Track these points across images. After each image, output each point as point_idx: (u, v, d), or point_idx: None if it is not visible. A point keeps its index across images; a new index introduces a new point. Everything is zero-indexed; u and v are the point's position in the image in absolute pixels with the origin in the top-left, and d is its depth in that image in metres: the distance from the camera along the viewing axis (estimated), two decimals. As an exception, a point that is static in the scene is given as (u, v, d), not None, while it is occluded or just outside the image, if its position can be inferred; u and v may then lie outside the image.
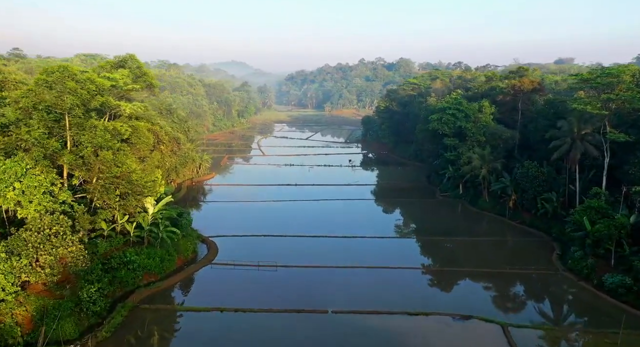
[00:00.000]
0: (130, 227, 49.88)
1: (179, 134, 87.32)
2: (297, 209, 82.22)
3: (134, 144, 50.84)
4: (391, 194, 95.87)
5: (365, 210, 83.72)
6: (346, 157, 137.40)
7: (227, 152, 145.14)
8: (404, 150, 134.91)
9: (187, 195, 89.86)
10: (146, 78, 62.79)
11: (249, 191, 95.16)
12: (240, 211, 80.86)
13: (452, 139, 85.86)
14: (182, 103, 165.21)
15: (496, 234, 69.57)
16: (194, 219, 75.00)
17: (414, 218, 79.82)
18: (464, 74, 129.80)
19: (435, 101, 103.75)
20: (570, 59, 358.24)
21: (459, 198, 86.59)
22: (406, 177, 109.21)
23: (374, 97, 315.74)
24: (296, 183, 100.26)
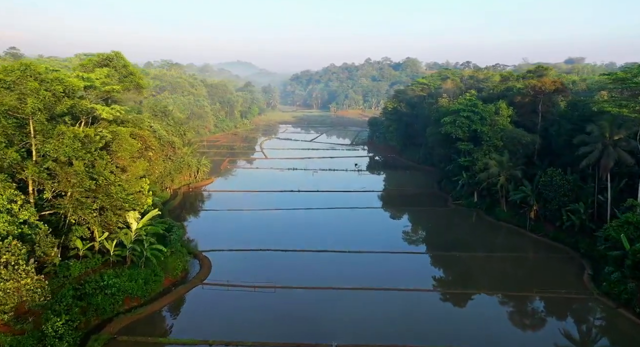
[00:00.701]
0: (110, 245, 44.40)
1: (174, 137, 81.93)
2: (299, 219, 76.52)
3: (114, 151, 45.32)
4: (400, 201, 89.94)
5: (373, 220, 77.83)
6: (352, 160, 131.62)
7: (228, 154, 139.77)
8: (413, 154, 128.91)
9: (183, 202, 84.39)
10: (133, 78, 57.26)
11: (249, 198, 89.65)
12: (238, 220, 75.25)
13: (466, 144, 79.81)
14: (183, 104, 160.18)
15: (517, 248, 63.43)
16: (187, 229, 70.06)
17: (425, 229, 73.88)
18: (475, 73, 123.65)
19: (447, 102, 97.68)
20: (581, 59, 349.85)
21: (473, 207, 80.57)
22: (416, 183, 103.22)
23: (381, 98, 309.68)
24: (299, 189, 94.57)
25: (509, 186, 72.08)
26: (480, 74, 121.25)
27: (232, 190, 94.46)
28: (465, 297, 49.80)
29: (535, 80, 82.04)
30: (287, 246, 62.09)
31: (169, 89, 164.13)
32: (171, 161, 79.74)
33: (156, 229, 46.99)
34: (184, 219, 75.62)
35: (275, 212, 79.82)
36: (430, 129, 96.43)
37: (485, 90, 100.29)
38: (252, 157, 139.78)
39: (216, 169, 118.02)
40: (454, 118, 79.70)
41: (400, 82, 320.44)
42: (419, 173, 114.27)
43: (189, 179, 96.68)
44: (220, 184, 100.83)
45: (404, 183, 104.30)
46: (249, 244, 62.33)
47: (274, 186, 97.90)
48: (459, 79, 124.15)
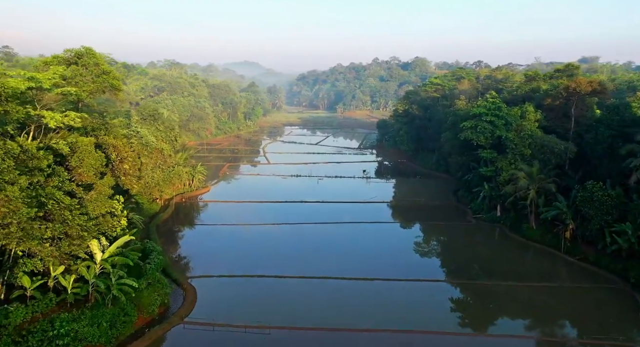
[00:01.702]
0: (67, 281, 36.53)
1: (163, 144, 74.15)
2: (301, 236, 68.33)
3: (75, 167, 37.53)
4: (414, 214, 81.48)
5: (384, 237, 69.36)
6: (359, 166, 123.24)
7: (229, 159, 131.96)
8: (426, 160, 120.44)
9: (174, 215, 76.45)
10: (106, 78, 49.30)
11: (248, 209, 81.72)
12: (233, 237, 67.29)
13: (488, 152, 71.32)
14: (183, 105, 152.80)
15: (552, 275, 54.80)
16: (175, 248, 62.29)
17: (443, 250, 65.41)
18: (493, 73, 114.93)
19: (465, 105, 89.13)
20: (595, 58, 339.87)
21: (496, 222, 72.07)
22: (429, 193, 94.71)
23: (389, 98, 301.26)
24: (302, 200, 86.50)
25: (538, 200, 63.56)
26: (499, 74, 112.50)
27: (229, 200, 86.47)
28: (495, 342, 41.42)
29: (565, 80, 73.42)
30: (287, 270, 53.96)
31: (168, 90, 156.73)
32: (160, 170, 71.94)
33: (125, 260, 39.05)
34: (172, 235, 67.84)
35: (275, 227, 71.74)
36: (446, 134, 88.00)
37: (506, 91, 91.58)
38: (254, 162, 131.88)
39: (215, 174, 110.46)
40: (474, 123, 71.24)
41: (409, 82, 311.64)
42: (432, 181, 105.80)
43: (182, 187, 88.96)
44: (217, 193, 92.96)
45: (416, 192, 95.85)
46: (243, 268, 54.33)
47: (275, 196, 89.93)
48: (475, 79, 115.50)
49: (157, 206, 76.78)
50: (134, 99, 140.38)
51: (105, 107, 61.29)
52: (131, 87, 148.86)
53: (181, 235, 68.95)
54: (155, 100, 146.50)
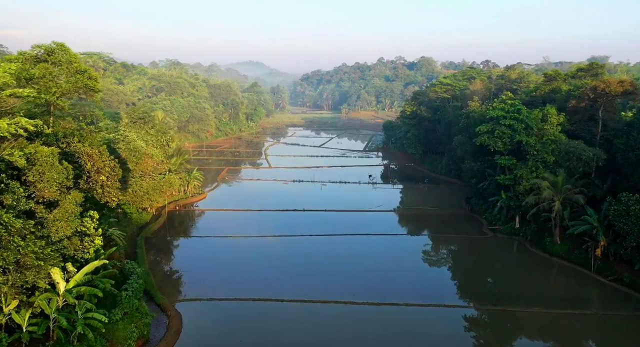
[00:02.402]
0: (21, 317, 30.99)
1: (154, 149, 68.61)
2: (302, 251, 62.61)
3: (32, 182, 32.02)
4: (423, 225, 75.67)
5: (392, 251, 63.46)
6: (365, 170, 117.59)
7: (228, 163, 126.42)
8: (434, 163, 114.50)
9: (166, 225, 70.95)
10: (80, 78, 43.67)
11: (245, 218, 76.17)
12: (228, 251, 61.71)
13: (507, 158, 65.33)
14: (182, 106, 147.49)
15: (582, 300, 48.59)
16: (163, 265, 56.77)
17: (458, 267, 59.32)
18: (506, 72, 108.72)
19: (478, 106, 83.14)
20: (605, 57, 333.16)
21: (514, 235, 66.10)
22: (439, 199, 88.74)
23: (395, 99, 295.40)
24: (304, 208, 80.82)
25: (563, 213, 57.54)
26: (512, 73, 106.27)
27: (226, 209, 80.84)
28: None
29: (590, 80, 67.35)
30: (286, 292, 48.31)
31: (167, 90, 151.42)
32: (150, 178, 66.43)
33: (93, 291, 33.48)
34: (162, 248, 62.31)
35: (274, 240, 66.05)
36: (458, 137, 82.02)
37: (522, 92, 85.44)
38: (255, 165, 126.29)
39: (214, 178, 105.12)
40: (491, 127, 65.25)
41: (415, 83, 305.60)
42: (442, 187, 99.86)
43: (177, 194, 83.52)
44: (214, 200, 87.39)
45: (425, 199, 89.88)
46: (236, 289, 48.73)
47: (276, 203, 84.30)
48: (487, 78, 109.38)
49: (148, 215, 71.32)
50: (131, 100, 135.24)
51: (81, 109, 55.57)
52: (128, 88, 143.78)
53: (172, 248, 63.40)
54: (153, 101, 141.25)
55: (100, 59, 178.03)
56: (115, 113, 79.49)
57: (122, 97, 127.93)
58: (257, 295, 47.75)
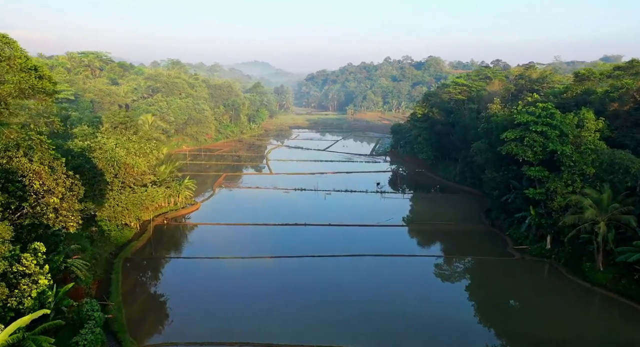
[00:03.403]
0: None
1: (137, 158, 60.79)
2: (301, 275, 54.64)
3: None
4: (440, 243, 67.47)
5: (405, 276, 55.28)
6: (372, 176, 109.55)
7: (226, 168, 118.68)
8: (447, 170, 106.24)
9: (150, 244, 63.13)
10: (24, 77, 35.71)
11: (240, 234, 68.38)
12: (217, 276, 53.78)
13: (537, 169, 56.98)
14: (180, 107, 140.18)
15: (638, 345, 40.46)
16: (140, 294, 48.96)
17: (485, 299, 50.74)
18: (526, 72, 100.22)
19: (500, 109, 74.84)
20: (618, 56, 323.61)
21: (545, 257, 57.76)
22: (455, 212, 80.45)
23: (402, 99, 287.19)
24: (306, 222, 72.88)
25: (607, 235, 49.19)
26: (533, 73, 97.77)
27: (219, 223, 73.02)
28: None
29: (631, 80, 58.93)
30: (281, 336, 40.36)
31: (164, 91, 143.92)
32: (130, 191, 58.68)
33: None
34: (141, 273, 54.54)
35: (271, 262, 58.10)
36: (477, 144, 73.74)
37: (548, 93, 76.97)
38: (255, 171, 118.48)
39: (209, 186, 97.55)
40: (520, 133, 56.93)
41: (422, 83, 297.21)
42: (457, 197, 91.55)
43: (166, 206, 75.88)
44: (208, 212, 79.67)
45: (440, 211, 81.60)
46: (221, 329, 40.95)
47: (275, 216, 76.50)
48: (506, 78, 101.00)
49: (131, 231, 63.55)
50: (124, 101, 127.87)
51: (40, 114, 47.85)
52: (122, 88, 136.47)
53: (154, 272, 55.62)
54: (148, 102, 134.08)
55: (96, 59, 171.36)
56: (95, 117, 71.92)
57: (114, 98, 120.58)
58: (247, 338, 39.86)
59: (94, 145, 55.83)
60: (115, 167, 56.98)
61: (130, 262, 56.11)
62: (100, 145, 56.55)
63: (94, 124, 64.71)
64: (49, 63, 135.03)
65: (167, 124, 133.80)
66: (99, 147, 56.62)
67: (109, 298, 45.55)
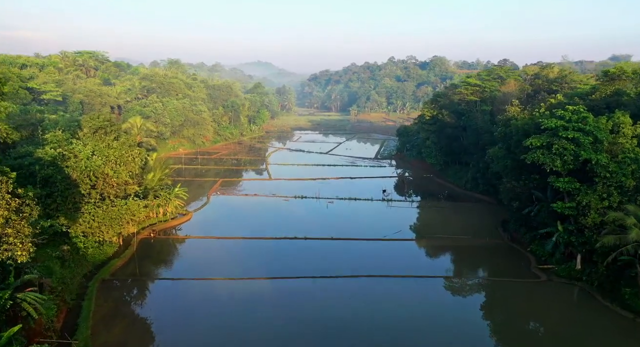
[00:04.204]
0: None
1: (118, 167, 54.53)
2: (300, 302, 48.23)
3: None
4: (454, 260, 61.03)
5: (417, 301, 48.93)
6: (377, 182, 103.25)
7: (223, 173, 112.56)
8: (457, 175, 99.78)
9: (134, 261, 56.84)
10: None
11: (233, 250, 62.17)
12: (205, 301, 47.34)
13: (566, 180, 50.45)
14: (176, 109, 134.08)
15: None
16: (114, 326, 42.63)
17: (513, 329, 44.36)
18: (543, 71, 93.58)
19: (520, 111, 68.35)
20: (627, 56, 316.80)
21: (575, 279, 51.18)
22: (469, 223, 74.04)
23: (406, 100, 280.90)
24: (306, 236, 66.53)
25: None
26: (550, 72, 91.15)
27: (212, 236, 66.68)
28: None
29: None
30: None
31: (159, 92, 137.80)
32: (110, 203, 52.42)
33: None
34: (120, 298, 48.23)
35: (267, 285, 51.77)
36: (494, 150, 67.23)
37: (570, 94, 70.33)
38: (253, 177, 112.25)
39: (205, 191, 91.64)
40: (548, 140, 50.40)
41: (428, 83, 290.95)
42: (469, 205, 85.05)
43: (153, 216, 69.72)
44: (200, 223, 73.45)
45: (451, 222, 75.18)
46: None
47: (273, 227, 70.38)
48: (522, 78, 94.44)
49: (112, 247, 57.27)
50: (116, 102, 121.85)
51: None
52: (115, 89, 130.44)
53: (132, 298, 49.29)
54: (142, 103, 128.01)
55: (91, 58, 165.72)
56: (73, 121, 65.74)
57: (105, 99, 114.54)
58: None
59: (68, 153, 49.65)
60: (92, 178, 50.79)
61: (107, 285, 49.87)
62: (75, 153, 50.36)
63: (71, 129, 58.65)
64: (39, 62, 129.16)
65: (162, 126, 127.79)
66: (74, 155, 50.45)
67: (76, 331, 39.36)
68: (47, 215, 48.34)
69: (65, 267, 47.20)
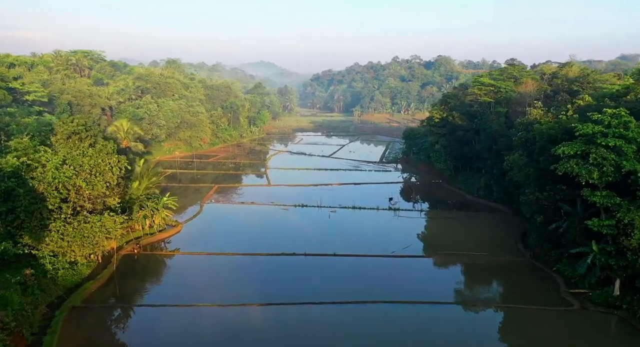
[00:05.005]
0: None
1: (93, 178, 48.24)
2: (302, 330, 41.93)
3: None
4: (470, 281, 54.49)
5: (430, 332, 42.59)
6: (383, 189, 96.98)
7: (220, 178, 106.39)
8: (469, 182, 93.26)
9: (113, 281, 50.59)
10: None
11: (225, 268, 55.91)
12: (190, 338, 41.11)
13: (604, 194, 43.90)
14: (172, 110, 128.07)
15: None
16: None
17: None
18: (562, 70, 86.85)
19: (543, 114, 61.80)
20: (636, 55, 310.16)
21: (613, 307, 44.60)
22: (484, 237, 67.62)
23: (411, 100, 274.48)
24: (306, 252, 60.13)
25: None
26: (570, 71, 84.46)
27: (201, 252, 60.32)
28: None
29: None
30: None
31: (154, 92, 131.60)
32: (83, 219, 46.13)
33: None
34: (91, 330, 41.81)
35: (261, 313, 45.41)
36: (515, 157, 60.64)
37: (596, 95, 63.68)
38: (251, 183, 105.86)
39: (200, 198, 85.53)
40: (583, 148, 43.88)
41: (433, 83, 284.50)
42: (483, 216, 78.50)
43: (138, 228, 63.60)
44: (190, 236, 67.11)
45: (465, 235, 68.75)
46: None
47: (270, 240, 64.17)
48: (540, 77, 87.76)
49: (88, 267, 50.99)
50: (108, 103, 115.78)
51: None
52: (107, 89, 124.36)
53: (105, 330, 42.83)
54: (135, 104, 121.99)
55: (85, 57, 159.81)
56: (46, 125, 59.55)
57: (96, 100, 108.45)
58: None
59: (34, 162, 43.48)
60: (62, 190, 44.57)
61: (78, 314, 43.51)
62: (42, 163, 44.18)
63: (42, 134, 52.49)
64: (28, 61, 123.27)
65: (157, 128, 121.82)
66: (41, 164, 44.27)
67: (32, 378, 33.14)
68: (8, 234, 42.20)
69: (27, 295, 40.94)
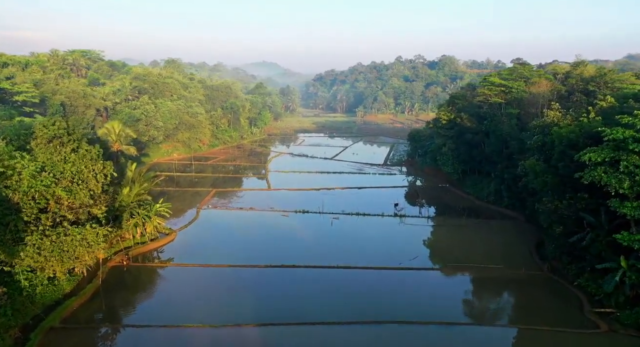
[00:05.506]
0: None
1: (75, 186, 44.34)
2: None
3: None
4: (483, 299, 50.45)
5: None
6: (387, 193, 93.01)
7: (219, 182, 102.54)
8: (478, 186, 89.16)
9: (98, 297, 46.76)
10: None
11: (220, 282, 51.98)
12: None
13: (636, 206, 39.77)
14: (170, 111, 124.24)
15: None
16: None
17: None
18: (577, 69, 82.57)
19: (561, 116, 57.64)
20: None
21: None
22: (496, 247, 63.59)
23: (415, 101, 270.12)
24: (307, 264, 56.16)
25: None
26: (585, 71, 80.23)
27: (195, 264, 56.39)
28: None
29: None
30: None
31: (152, 93, 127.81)
32: (63, 232, 42.29)
33: None
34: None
35: (257, 335, 41.46)
36: (531, 162, 56.49)
37: (618, 96, 59.48)
38: (250, 187, 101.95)
39: (196, 203, 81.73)
40: (612, 154, 39.78)
41: (437, 83, 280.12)
42: (494, 223, 74.34)
43: (129, 237, 59.79)
44: (185, 245, 63.26)
45: (475, 245, 64.68)
46: None
47: (269, 250, 60.45)
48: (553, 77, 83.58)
49: (69, 283, 47.09)
50: (103, 104, 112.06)
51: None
52: (103, 89, 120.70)
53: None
54: (132, 105, 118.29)
55: (83, 57, 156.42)
56: (26, 127, 55.80)
57: (90, 101, 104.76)
58: None
59: (8, 170, 39.64)
60: (40, 200, 40.74)
61: (56, 336, 39.71)
62: (18, 170, 40.36)
63: (21, 138, 48.69)
64: (21, 61, 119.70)
65: (155, 129, 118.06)
66: (17, 172, 40.44)
67: None
68: (-21, 248, 38.29)
69: None
